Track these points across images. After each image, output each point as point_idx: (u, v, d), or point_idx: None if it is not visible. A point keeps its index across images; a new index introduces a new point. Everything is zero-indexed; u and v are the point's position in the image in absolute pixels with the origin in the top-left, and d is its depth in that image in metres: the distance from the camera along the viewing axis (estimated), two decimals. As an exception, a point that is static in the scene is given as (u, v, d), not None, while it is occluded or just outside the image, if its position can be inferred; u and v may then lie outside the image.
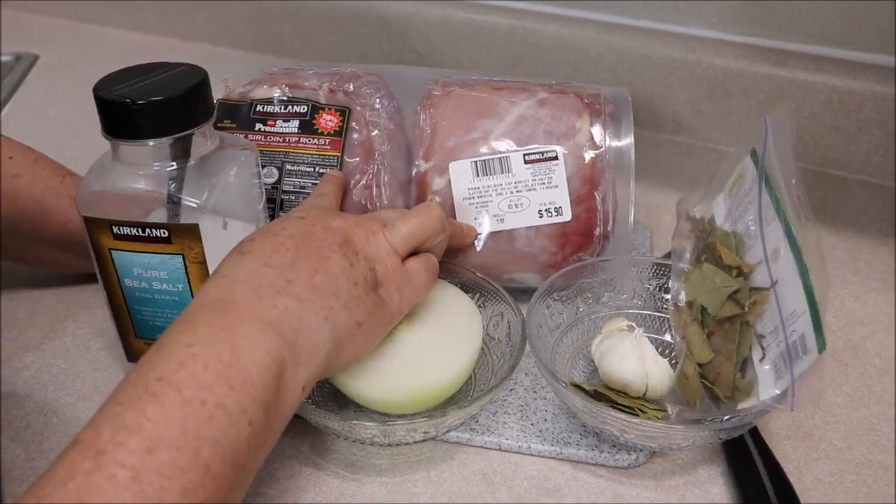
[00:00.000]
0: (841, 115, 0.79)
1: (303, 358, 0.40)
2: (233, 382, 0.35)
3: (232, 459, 0.35)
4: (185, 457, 0.33)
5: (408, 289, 0.48)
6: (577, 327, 0.57)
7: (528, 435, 0.51)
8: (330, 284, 0.42)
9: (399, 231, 0.48)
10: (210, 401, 0.34)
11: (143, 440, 0.32)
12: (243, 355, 0.36)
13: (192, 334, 0.37)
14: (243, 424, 0.35)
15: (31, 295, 0.64)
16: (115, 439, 0.32)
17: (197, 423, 0.34)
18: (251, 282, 0.40)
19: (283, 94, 0.60)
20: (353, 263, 0.44)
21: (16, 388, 0.56)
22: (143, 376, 0.35)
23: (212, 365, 0.35)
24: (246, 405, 0.36)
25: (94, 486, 0.31)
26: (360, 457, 0.51)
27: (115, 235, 0.48)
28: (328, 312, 0.41)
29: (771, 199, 0.49)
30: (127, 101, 0.44)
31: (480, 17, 0.90)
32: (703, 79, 0.83)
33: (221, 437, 0.34)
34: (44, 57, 1.07)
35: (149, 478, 0.31)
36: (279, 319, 0.39)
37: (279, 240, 0.43)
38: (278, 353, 0.38)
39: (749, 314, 0.50)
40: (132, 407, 0.33)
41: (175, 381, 0.34)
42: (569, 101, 0.59)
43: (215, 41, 1.09)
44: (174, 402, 0.34)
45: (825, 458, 0.52)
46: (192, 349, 0.36)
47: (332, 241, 0.44)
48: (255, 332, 0.38)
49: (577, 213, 0.58)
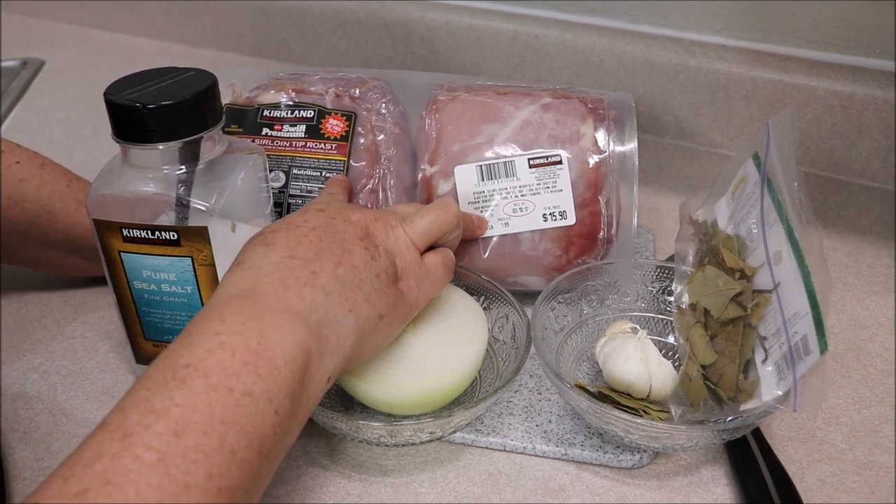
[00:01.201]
0: (842, 120, 0.80)
1: (328, 349, 0.40)
2: (260, 371, 0.36)
3: (258, 446, 0.35)
4: (211, 441, 0.33)
5: (426, 282, 0.48)
6: (582, 329, 0.58)
7: (533, 436, 0.52)
8: (354, 277, 0.43)
9: (417, 226, 0.48)
10: (237, 388, 0.35)
11: (170, 424, 0.32)
12: (271, 345, 0.37)
13: (220, 323, 0.37)
14: (269, 412, 0.36)
15: (39, 297, 0.65)
16: (143, 422, 0.32)
17: (224, 408, 0.34)
18: (278, 273, 0.41)
19: (290, 99, 0.60)
20: (374, 256, 0.45)
21: (25, 389, 0.56)
22: (172, 363, 0.35)
23: (239, 353, 0.36)
24: (272, 393, 0.36)
25: (121, 468, 0.31)
26: (367, 457, 0.51)
27: (124, 238, 0.48)
28: (352, 305, 0.42)
29: (773, 202, 0.50)
30: (137, 106, 0.44)
31: (483, 22, 0.91)
32: (705, 84, 0.84)
33: (248, 424, 0.34)
34: (50, 62, 1.08)
35: (175, 461, 0.32)
36: (306, 311, 0.40)
37: (302, 232, 0.44)
38: (305, 343, 0.38)
39: (752, 316, 0.50)
40: (160, 392, 0.34)
41: (203, 367, 0.35)
42: (573, 105, 0.60)
43: (221, 46, 1.10)
44: (201, 387, 0.34)
45: (827, 459, 0.52)
46: (220, 337, 0.36)
47: (354, 234, 0.45)
48: (282, 322, 0.38)
49: (581, 216, 0.58)
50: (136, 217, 0.48)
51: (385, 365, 0.49)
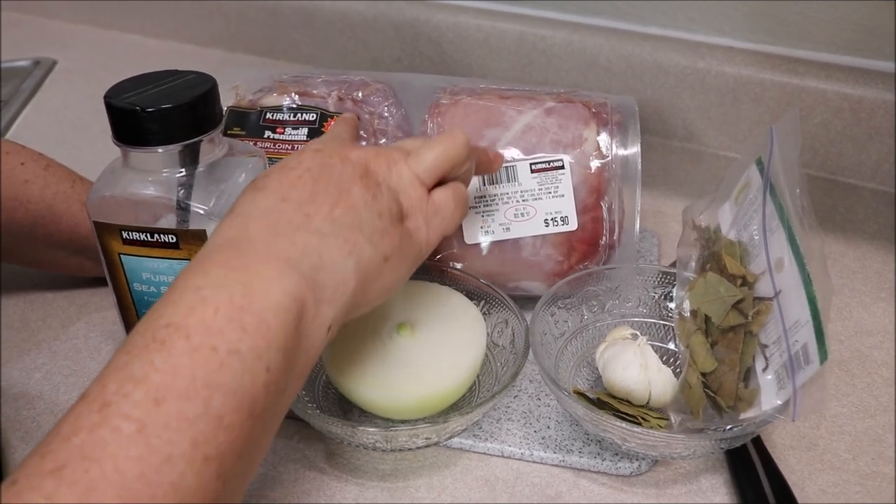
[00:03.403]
0: (851, 123, 0.79)
1: (326, 296, 0.38)
2: (246, 326, 0.33)
3: (248, 408, 0.33)
4: (194, 407, 0.31)
5: (436, 220, 0.45)
6: (582, 335, 0.58)
7: (531, 442, 0.52)
8: (352, 217, 0.40)
9: (423, 159, 0.45)
10: (221, 347, 0.32)
11: (150, 391, 0.30)
12: (257, 297, 0.34)
13: (202, 276, 0.35)
14: (259, 370, 0.33)
15: (43, 297, 0.65)
16: (121, 391, 0.31)
17: (207, 370, 0.32)
18: (267, 219, 0.38)
19: (293, 102, 0.60)
20: (375, 195, 0.41)
21: (27, 388, 0.57)
22: (152, 323, 0.33)
23: (223, 308, 0.33)
24: (261, 350, 0.33)
25: (99, 441, 0.29)
26: (364, 461, 0.51)
27: (124, 240, 0.48)
28: (352, 247, 0.39)
29: (775, 207, 0.50)
30: (137, 109, 0.44)
31: (491, 23, 0.91)
32: (713, 86, 0.83)
33: (234, 385, 0.32)
34: (62, 62, 1.08)
35: (155, 430, 0.30)
36: (298, 256, 0.37)
37: (296, 173, 0.41)
38: (297, 292, 0.36)
39: (753, 324, 0.50)
40: (139, 356, 0.32)
41: (184, 326, 0.33)
42: (576, 110, 0.59)
43: (230, 47, 1.10)
44: (182, 349, 0.32)
45: (829, 469, 0.51)
46: (202, 292, 0.34)
47: (353, 173, 0.42)
48: (270, 271, 0.36)
49: (583, 222, 0.58)
50: (136, 220, 0.48)
51: (383, 369, 0.49)
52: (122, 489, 0.28)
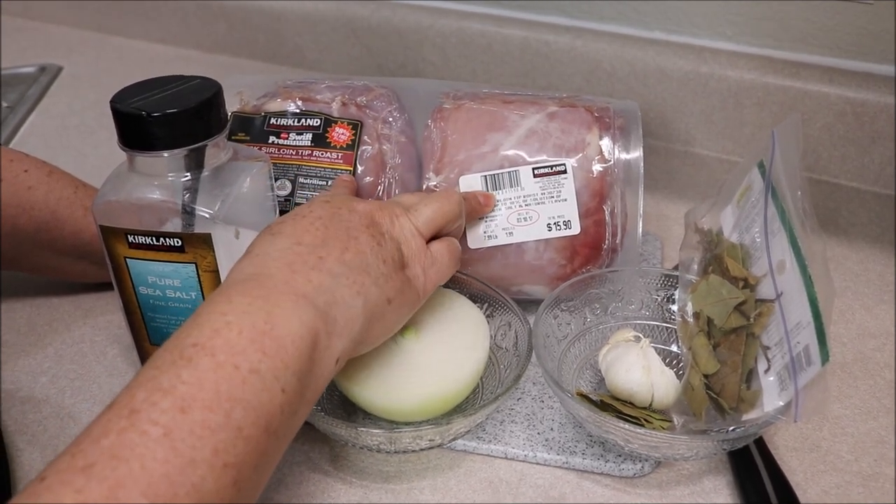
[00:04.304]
0: (854, 127, 0.79)
1: (337, 330, 0.40)
2: (266, 349, 0.36)
3: (265, 424, 0.35)
4: (217, 417, 0.33)
5: (433, 270, 0.49)
6: (585, 337, 0.58)
7: (535, 444, 0.52)
8: (360, 261, 0.43)
9: (422, 214, 0.49)
10: (243, 365, 0.35)
11: (176, 400, 0.33)
12: (277, 324, 0.37)
13: (227, 304, 0.38)
14: (276, 390, 0.36)
15: (49, 301, 0.66)
16: (150, 399, 0.33)
17: (230, 385, 0.34)
18: (284, 259, 0.41)
19: (297, 108, 0.61)
20: (380, 243, 0.45)
21: (33, 392, 0.57)
22: (179, 343, 0.36)
23: (246, 331, 0.36)
24: (279, 372, 0.36)
25: (127, 442, 0.31)
26: (368, 463, 0.51)
27: (130, 244, 0.49)
28: (360, 287, 0.42)
29: (777, 210, 0.50)
30: (142, 114, 0.45)
31: (495, 28, 0.91)
32: (716, 90, 0.84)
33: (254, 401, 0.35)
34: (67, 68, 1.09)
35: (181, 435, 0.32)
36: (313, 293, 0.40)
37: (308, 221, 0.44)
38: (312, 324, 0.39)
39: (755, 326, 0.50)
40: (167, 371, 0.34)
41: (209, 346, 0.35)
42: (578, 114, 0.60)
43: (235, 52, 1.10)
44: (208, 365, 0.35)
45: (832, 470, 0.52)
46: (226, 317, 0.37)
47: (360, 223, 0.45)
48: (289, 303, 0.39)
49: (585, 226, 0.58)
50: (141, 224, 0.48)
51: (386, 372, 0.50)
52: (147, 487, 0.30)
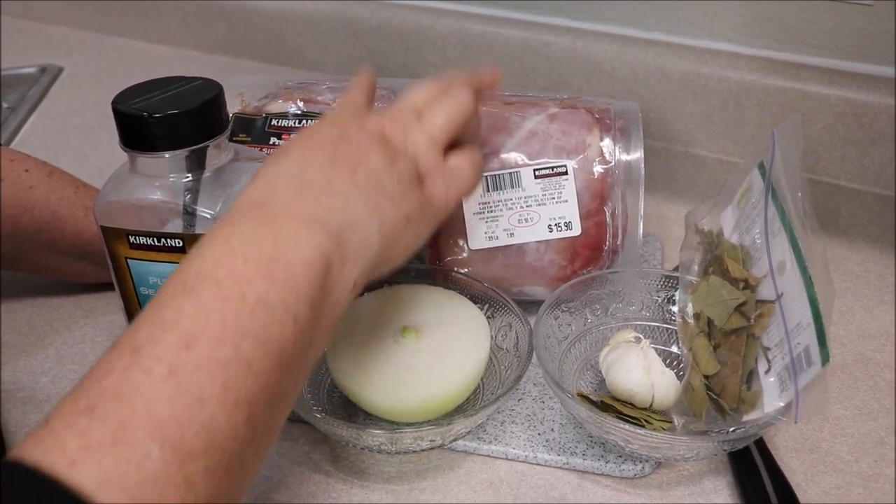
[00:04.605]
0: (855, 128, 0.79)
1: (351, 254, 0.38)
2: (275, 277, 0.34)
3: (276, 357, 0.33)
4: (224, 351, 0.31)
5: (454, 182, 0.46)
6: (586, 338, 0.58)
7: (535, 444, 0.52)
8: (374, 180, 0.41)
9: (435, 122, 0.45)
10: (250, 295, 0.33)
11: (181, 336, 0.31)
12: (286, 249, 0.35)
13: (230, 228, 0.36)
14: (287, 321, 0.34)
15: (50, 301, 0.66)
16: (152, 336, 0.31)
17: (237, 318, 0.32)
18: (291, 181, 0.39)
19: (298, 109, 0.61)
20: (393, 161, 0.42)
21: (34, 392, 0.57)
22: (182, 273, 0.34)
23: (252, 259, 0.34)
24: (289, 301, 0.34)
25: (130, 382, 0.30)
26: (369, 464, 0.52)
27: (131, 245, 0.49)
28: (374, 208, 0.40)
29: (777, 211, 0.50)
30: (144, 115, 0.45)
31: (495, 29, 0.91)
32: (717, 91, 0.84)
33: (264, 334, 0.33)
34: (68, 68, 1.09)
35: (186, 373, 0.30)
36: (324, 215, 0.38)
37: (314, 142, 0.42)
38: (324, 248, 0.37)
39: (755, 326, 0.50)
40: (169, 304, 0.32)
41: (213, 275, 0.33)
42: (579, 115, 0.60)
43: (235, 53, 1.10)
44: (212, 296, 0.32)
45: (832, 471, 0.52)
46: (230, 243, 0.35)
47: (370, 141, 0.42)
48: (297, 227, 0.37)
49: (586, 227, 0.58)
50: (143, 224, 0.48)
51: (387, 372, 0.50)
52: (153, 428, 0.29)
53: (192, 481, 0.29)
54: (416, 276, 0.59)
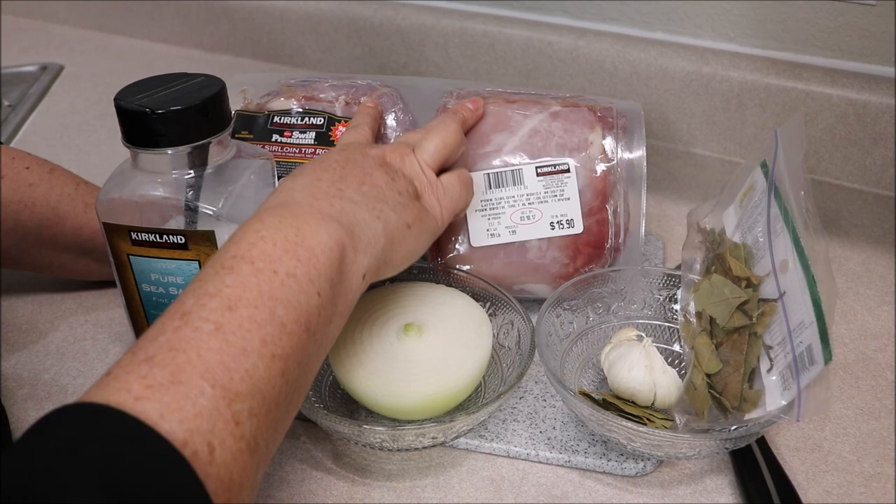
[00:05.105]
0: (857, 128, 0.79)
1: (361, 246, 0.43)
2: (300, 257, 0.39)
3: (305, 322, 0.38)
4: (262, 313, 0.36)
5: (446, 199, 0.52)
6: (588, 336, 0.58)
7: (537, 442, 0.52)
8: (378, 192, 0.46)
9: (427, 149, 0.52)
10: (281, 270, 0.38)
11: (223, 301, 0.36)
12: (307, 236, 0.40)
13: (259, 223, 0.41)
14: (312, 293, 0.39)
15: (51, 298, 0.66)
16: (199, 303, 0.36)
17: (271, 287, 0.37)
18: (307, 191, 0.44)
19: (300, 106, 0.61)
20: (394, 178, 0.48)
21: (35, 390, 0.57)
22: (219, 258, 0.39)
23: (280, 243, 0.39)
24: (313, 276, 0.39)
25: (183, 337, 0.34)
26: (371, 461, 0.52)
27: (133, 241, 0.49)
28: (379, 212, 0.45)
29: (780, 210, 0.50)
30: (146, 111, 0.45)
31: (497, 28, 0.91)
32: (719, 91, 0.84)
33: (294, 301, 0.38)
34: (69, 67, 1.09)
35: (231, 329, 0.35)
36: (337, 214, 0.43)
37: (326, 164, 0.47)
38: (339, 237, 0.41)
39: (757, 325, 0.50)
40: (211, 280, 0.37)
41: (248, 256, 0.38)
42: (581, 114, 0.60)
43: (237, 52, 1.11)
44: (248, 271, 0.38)
45: (834, 470, 0.52)
46: (260, 233, 0.40)
47: (373, 163, 0.49)
48: (316, 220, 0.42)
49: (588, 225, 0.58)
50: (145, 221, 0.48)
51: (389, 370, 0.50)
52: (205, 371, 0.33)
53: (240, 419, 0.33)
54: (418, 274, 0.59)
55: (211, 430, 0.32)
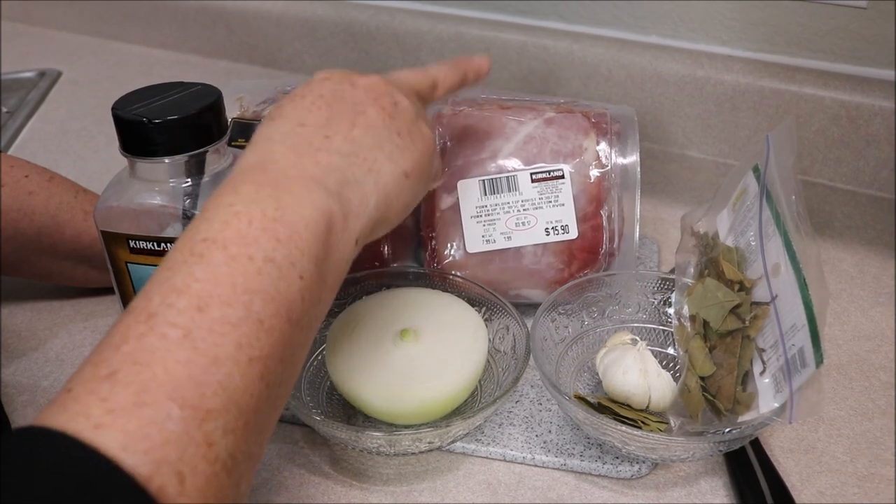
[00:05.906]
0: (849, 130, 0.80)
1: (353, 210, 0.39)
2: (279, 236, 0.35)
3: (286, 313, 0.34)
4: (236, 311, 0.32)
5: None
6: (582, 340, 0.58)
7: (533, 446, 0.52)
8: (371, 137, 0.41)
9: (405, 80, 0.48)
10: (257, 255, 0.34)
11: (193, 299, 0.32)
12: (288, 210, 0.36)
13: (233, 195, 0.36)
14: (294, 278, 0.35)
15: (50, 306, 0.66)
16: (165, 302, 0.32)
17: (246, 277, 0.33)
18: (289, 142, 0.39)
19: (296, 112, 0.61)
20: (392, 115, 0.43)
21: (35, 397, 0.58)
22: (189, 240, 0.35)
23: (256, 220, 0.35)
24: (295, 258, 0.35)
25: (147, 347, 0.30)
26: (368, 466, 0.52)
27: (131, 249, 0.49)
28: (371, 164, 0.41)
29: (772, 214, 0.50)
30: (144, 120, 0.45)
31: (493, 33, 0.92)
32: (712, 94, 0.84)
33: (272, 291, 0.34)
34: (67, 73, 1.10)
35: (201, 335, 0.31)
36: (323, 174, 0.38)
37: (309, 100, 0.42)
38: (325, 206, 0.37)
39: (750, 328, 0.50)
40: (179, 270, 0.33)
41: (220, 239, 0.34)
42: (576, 120, 0.60)
43: (235, 57, 1.11)
44: (221, 259, 0.33)
45: (827, 471, 0.52)
46: (234, 208, 0.35)
47: (365, 96, 0.43)
48: (298, 187, 0.37)
49: (583, 230, 0.59)
50: (142, 229, 0.49)
51: (386, 375, 0.50)
52: (172, 389, 0.30)
53: (212, 439, 0.30)
54: (413, 280, 0.59)
55: (180, 458, 0.29)
